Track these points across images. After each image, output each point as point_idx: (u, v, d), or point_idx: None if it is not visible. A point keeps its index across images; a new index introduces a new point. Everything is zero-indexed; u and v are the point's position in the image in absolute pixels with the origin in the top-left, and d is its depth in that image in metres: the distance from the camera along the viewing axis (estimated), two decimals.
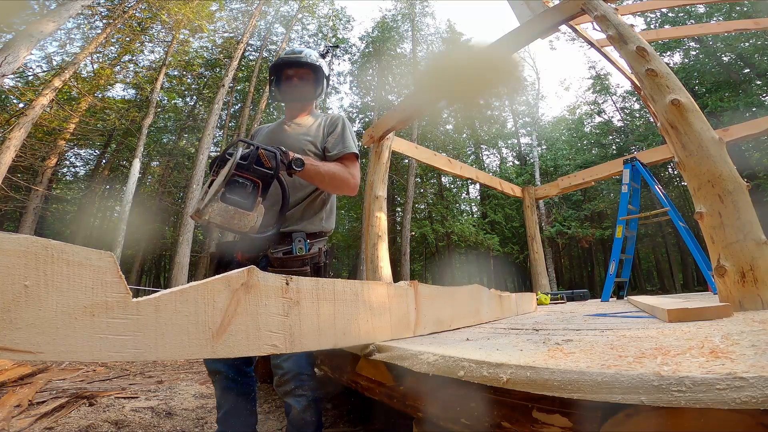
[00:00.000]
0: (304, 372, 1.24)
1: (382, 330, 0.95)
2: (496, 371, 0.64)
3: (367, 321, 0.90)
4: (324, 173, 1.33)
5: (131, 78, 13.38)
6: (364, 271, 3.77)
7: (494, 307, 1.71)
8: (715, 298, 1.76)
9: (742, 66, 13.73)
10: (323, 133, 1.50)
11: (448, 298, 1.30)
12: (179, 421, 1.97)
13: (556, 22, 2.55)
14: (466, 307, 1.41)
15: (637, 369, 0.51)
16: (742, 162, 10.69)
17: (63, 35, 11.15)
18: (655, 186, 3.46)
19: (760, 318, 1.06)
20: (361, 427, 1.84)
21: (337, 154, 1.44)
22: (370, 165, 3.88)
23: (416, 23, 18.70)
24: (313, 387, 1.26)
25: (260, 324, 0.64)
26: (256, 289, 0.64)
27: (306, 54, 1.55)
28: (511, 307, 2.04)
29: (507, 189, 5.89)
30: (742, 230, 1.43)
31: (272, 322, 0.66)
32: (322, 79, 1.60)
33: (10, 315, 0.41)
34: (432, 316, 1.17)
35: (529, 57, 21.15)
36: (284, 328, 0.67)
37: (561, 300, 3.87)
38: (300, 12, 18.03)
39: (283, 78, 1.57)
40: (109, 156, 15.27)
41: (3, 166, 6.83)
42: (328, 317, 0.78)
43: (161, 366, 3.73)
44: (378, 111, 16.84)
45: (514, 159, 22.72)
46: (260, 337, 0.63)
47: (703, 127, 1.62)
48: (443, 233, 16.57)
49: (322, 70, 1.58)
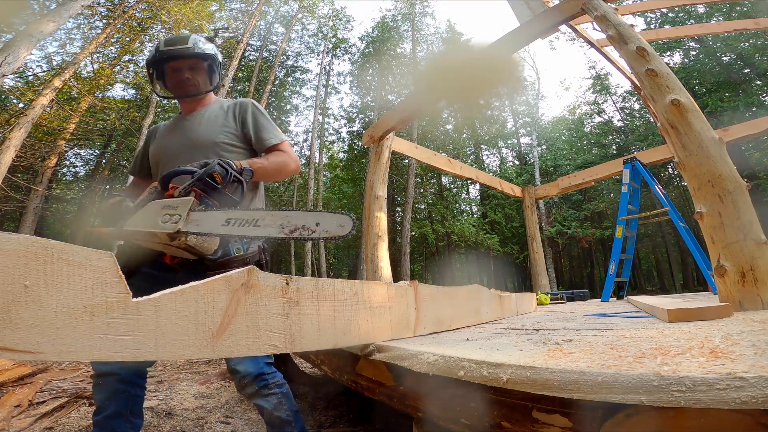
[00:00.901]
0: (264, 372, 1.21)
1: (382, 330, 0.95)
2: (496, 371, 0.64)
3: (367, 321, 0.90)
4: (270, 168, 1.33)
5: (131, 78, 13.37)
6: (364, 271, 3.77)
7: (494, 307, 1.71)
8: (715, 298, 1.76)
9: (742, 66, 13.73)
10: (236, 121, 1.42)
11: (448, 298, 1.30)
12: (179, 421, 1.97)
13: (556, 22, 2.55)
14: (466, 307, 1.41)
15: (637, 369, 0.51)
16: (742, 162, 10.67)
17: (63, 35, 11.17)
18: (655, 186, 3.46)
19: (760, 318, 1.06)
20: (361, 427, 1.84)
21: (270, 147, 1.40)
22: (370, 165, 3.88)
23: (416, 23, 18.70)
24: (278, 383, 1.23)
25: (260, 324, 0.64)
26: (256, 289, 0.64)
27: (193, 42, 1.38)
28: (511, 307, 2.04)
29: (507, 189, 5.89)
30: (742, 230, 1.43)
31: (272, 322, 0.66)
32: (216, 67, 1.48)
33: (10, 315, 0.41)
34: (432, 316, 1.17)
35: (529, 57, 21.17)
36: (284, 328, 0.67)
37: (561, 300, 3.87)
38: (300, 12, 18.04)
39: (169, 71, 1.40)
40: (109, 156, 15.27)
41: (3, 166, 6.83)
42: (328, 317, 0.78)
43: (161, 366, 3.73)
44: (378, 111, 16.84)
45: (514, 159, 22.72)
46: (260, 337, 0.63)
47: (703, 127, 1.62)
48: (443, 233, 16.58)
49: (214, 57, 1.44)
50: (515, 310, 2.11)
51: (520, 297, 2.27)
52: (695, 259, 3.16)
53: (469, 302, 1.45)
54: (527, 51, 20.77)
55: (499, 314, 1.79)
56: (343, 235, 0.97)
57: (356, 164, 18.85)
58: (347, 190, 19.11)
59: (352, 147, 19.19)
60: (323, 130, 19.22)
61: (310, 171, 16.57)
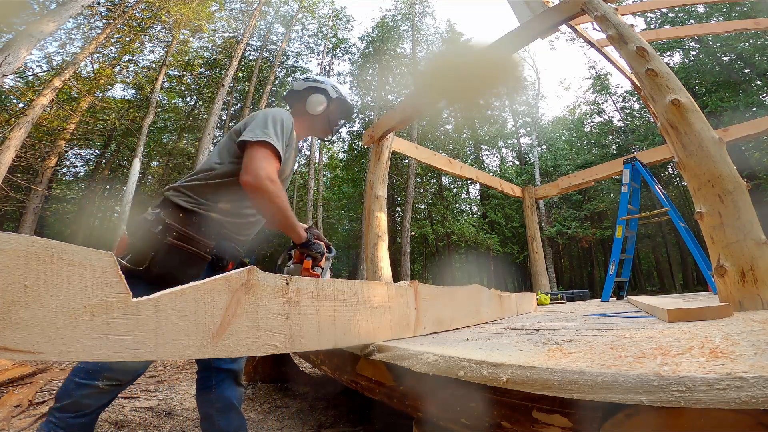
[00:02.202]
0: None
1: (382, 330, 0.95)
2: (496, 371, 0.64)
3: (367, 321, 0.90)
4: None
5: (131, 78, 13.37)
6: (364, 271, 3.77)
7: (494, 307, 1.71)
8: (715, 298, 1.76)
9: (742, 66, 13.73)
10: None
11: (448, 298, 1.30)
12: (179, 421, 1.97)
13: (556, 22, 2.55)
14: (466, 308, 1.41)
15: (637, 369, 0.51)
16: (742, 162, 10.68)
17: (63, 35, 11.16)
18: (655, 186, 3.46)
19: (760, 318, 1.06)
20: (361, 427, 1.84)
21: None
22: (370, 165, 3.88)
23: (416, 23, 18.69)
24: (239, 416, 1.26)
25: (260, 324, 0.64)
26: (255, 289, 0.64)
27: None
28: (512, 307, 2.04)
29: (507, 189, 5.89)
30: (742, 230, 1.43)
31: (272, 322, 0.66)
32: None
33: (10, 315, 0.41)
34: (432, 316, 1.17)
35: (529, 57, 21.16)
36: (284, 328, 0.67)
37: (561, 300, 3.87)
38: (300, 12, 18.03)
39: (336, 121, 1.61)
40: (109, 156, 15.26)
41: (3, 166, 6.83)
42: (328, 317, 0.78)
43: (161, 366, 3.73)
44: (378, 111, 16.83)
45: (514, 159, 22.72)
46: (260, 337, 0.63)
47: (703, 127, 1.62)
48: (443, 233, 16.57)
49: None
50: (515, 310, 2.11)
51: (520, 297, 2.26)
52: (695, 259, 3.16)
53: (469, 302, 1.45)
54: (527, 51, 20.79)
55: (500, 314, 1.79)
56: None
57: (356, 164, 18.85)
58: (347, 190, 19.12)
59: (352, 147, 19.19)
60: None
61: (310, 171, 16.57)
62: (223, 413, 1.23)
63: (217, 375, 1.26)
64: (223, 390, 1.25)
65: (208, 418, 1.25)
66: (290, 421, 1.98)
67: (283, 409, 2.18)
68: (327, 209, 19.63)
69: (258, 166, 1.13)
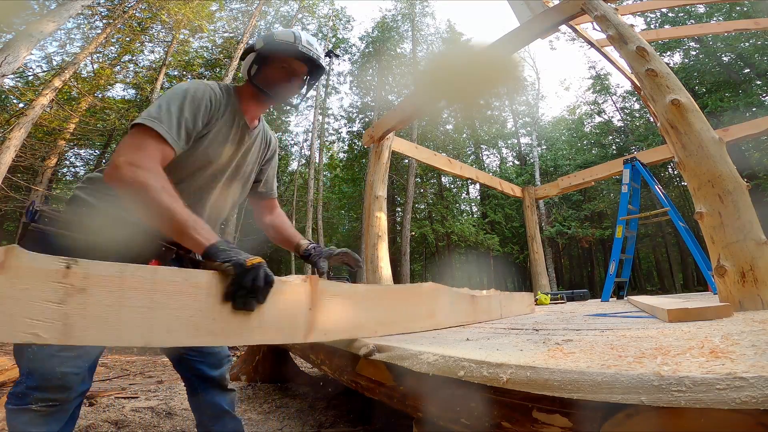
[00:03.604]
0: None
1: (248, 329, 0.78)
2: (496, 371, 0.64)
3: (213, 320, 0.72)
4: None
5: (131, 78, 13.38)
6: (364, 271, 3.77)
7: (462, 310, 1.46)
8: (715, 298, 1.76)
9: (742, 66, 13.73)
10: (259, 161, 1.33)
11: (374, 299, 1.11)
12: (179, 421, 1.97)
13: (556, 22, 2.55)
14: (402, 310, 1.19)
15: (637, 369, 0.51)
16: (742, 162, 10.66)
17: (63, 35, 11.17)
18: (655, 186, 3.46)
19: (760, 318, 1.06)
20: (361, 427, 1.84)
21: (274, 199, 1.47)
22: (370, 165, 3.88)
23: (416, 23, 18.70)
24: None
25: (15, 310, 0.55)
26: (14, 270, 0.56)
27: (322, 49, 1.22)
28: (490, 311, 1.69)
29: (507, 189, 5.89)
30: (742, 230, 1.43)
31: (35, 309, 0.57)
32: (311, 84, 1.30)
33: None
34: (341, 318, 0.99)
35: (529, 57, 21.17)
36: (57, 317, 0.59)
37: (561, 300, 3.87)
38: (300, 12, 18.02)
39: (280, 68, 1.17)
40: (109, 156, 15.27)
41: (3, 166, 6.83)
42: (142, 309, 0.65)
43: (161, 366, 3.73)
44: (378, 111, 16.83)
45: (514, 159, 22.73)
46: (14, 324, 0.55)
47: (703, 127, 1.62)
48: (443, 233, 16.58)
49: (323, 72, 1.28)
50: (498, 313, 1.76)
51: (507, 297, 1.90)
52: (695, 259, 3.16)
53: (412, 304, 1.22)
54: (527, 51, 20.80)
55: (472, 318, 1.52)
56: None
57: (356, 164, 18.85)
58: (347, 190, 19.12)
59: (352, 147, 19.19)
60: (323, 130, 19.19)
61: (310, 171, 16.56)
62: (216, 419, 1.21)
63: (201, 383, 1.21)
64: (212, 397, 1.21)
65: (201, 424, 1.24)
66: (290, 421, 1.98)
67: (283, 409, 2.18)
68: (327, 209, 19.61)
69: (118, 153, 0.88)
